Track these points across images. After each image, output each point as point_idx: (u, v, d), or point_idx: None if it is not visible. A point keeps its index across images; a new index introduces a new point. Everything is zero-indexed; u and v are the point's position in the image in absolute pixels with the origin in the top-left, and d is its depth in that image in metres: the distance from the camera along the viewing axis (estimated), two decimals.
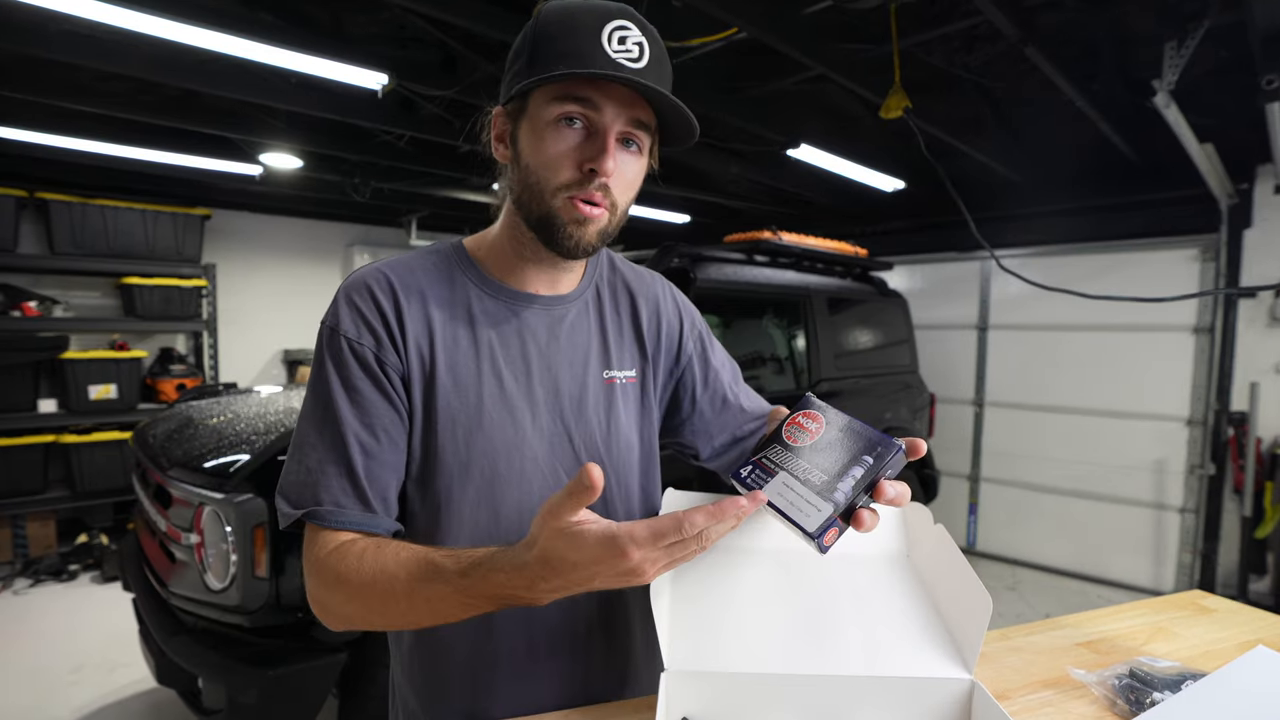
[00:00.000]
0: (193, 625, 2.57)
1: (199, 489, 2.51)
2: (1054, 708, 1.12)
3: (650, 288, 1.29)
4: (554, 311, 1.15)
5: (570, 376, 1.14)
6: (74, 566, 5.40)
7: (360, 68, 3.45)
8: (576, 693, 1.15)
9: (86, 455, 5.64)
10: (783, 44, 3.33)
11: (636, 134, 1.01)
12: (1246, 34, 2.83)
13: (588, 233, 1.02)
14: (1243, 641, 1.36)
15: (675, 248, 3.90)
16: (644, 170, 1.08)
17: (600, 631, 1.18)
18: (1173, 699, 1.05)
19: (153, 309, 6.14)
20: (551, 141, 0.99)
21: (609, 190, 1.00)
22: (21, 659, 4.07)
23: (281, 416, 3.09)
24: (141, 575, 2.99)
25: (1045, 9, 3.48)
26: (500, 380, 1.08)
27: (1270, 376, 5.11)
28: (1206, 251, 5.34)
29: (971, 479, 6.79)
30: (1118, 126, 4.57)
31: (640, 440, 1.22)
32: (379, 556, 0.94)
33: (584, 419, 1.14)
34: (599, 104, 0.97)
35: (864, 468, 0.87)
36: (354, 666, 2.54)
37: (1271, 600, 4.99)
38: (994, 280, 6.51)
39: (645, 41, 0.97)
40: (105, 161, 5.24)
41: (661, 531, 0.75)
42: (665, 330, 1.27)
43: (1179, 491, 5.57)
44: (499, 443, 1.07)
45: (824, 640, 1.03)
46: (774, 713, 0.98)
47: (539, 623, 1.08)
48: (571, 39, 0.95)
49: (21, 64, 3.85)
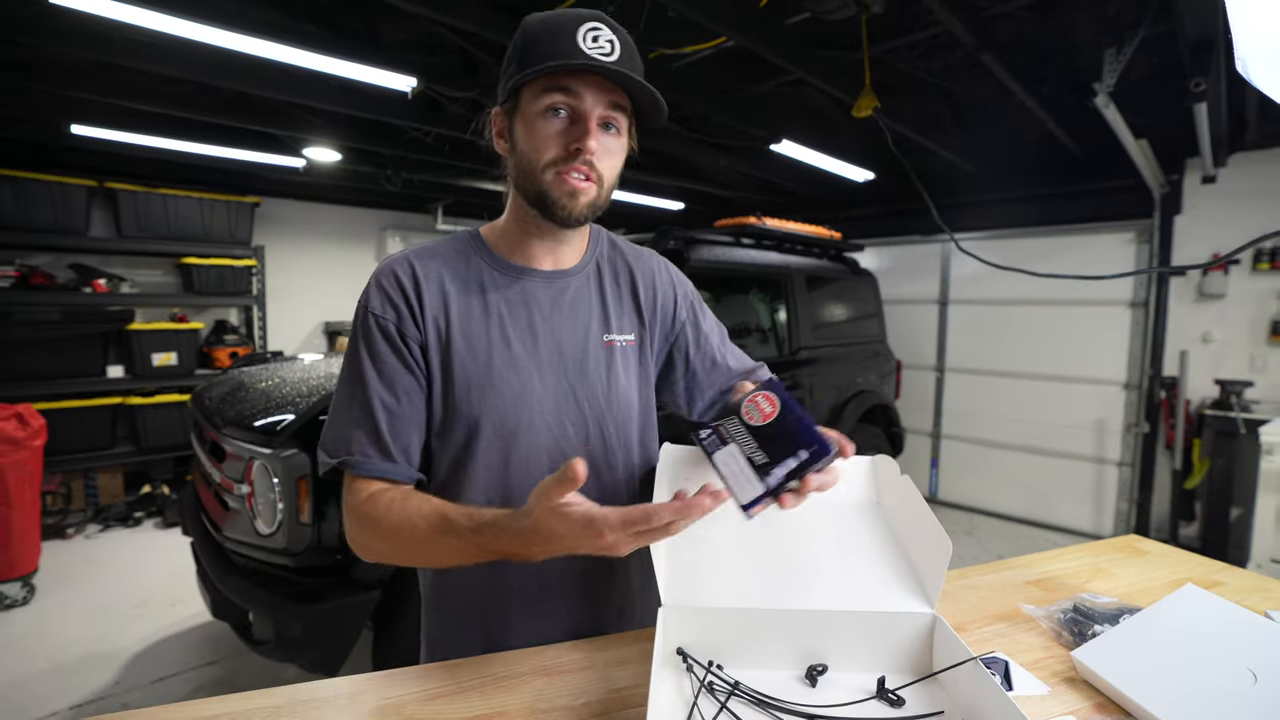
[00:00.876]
0: (244, 566, 2.59)
1: (250, 445, 2.52)
2: (1006, 639, 1.13)
3: (647, 262, 1.31)
4: (557, 284, 1.17)
5: (572, 340, 1.16)
6: (139, 514, 5.46)
7: (392, 72, 3.45)
8: (581, 625, 1.19)
9: (150, 415, 5.65)
10: (766, 51, 3.32)
11: (615, 116, 1.05)
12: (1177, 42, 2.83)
13: (579, 204, 1.05)
14: (1173, 580, 1.37)
15: (671, 231, 3.89)
16: (625, 149, 1.11)
17: (603, 574, 1.22)
18: (1111, 631, 1.07)
19: (209, 285, 6.14)
20: (540, 128, 1.03)
21: (594, 165, 1.04)
22: (92, 596, 4.11)
23: (323, 381, 3.08)
24: (199, 521, 3.02)
25: (999, 20, 3.47)
26: (509, 344, 1.12)
27: (1198, 345, 5.12)
28: (1141, 235, 5.33)
29: (933, 436, 6.78)
30: (1063, 124, 4.56)
31: (639, 397, 1.23)
32: (404, 507, 1.00)
33: (585, 377, 1.16)
34: (580, 92, 1.01)
35: (798, 461, 0.88)
36: (387, 603, 2.54)
37: (1199, 544, 4.97)
38: (953, 260, 6.48)
39: (616, 39, 1.01)
40: (166, 155, 5.24)
41: (630, 519, 0.80)
42: (661, 300, 1.28)
43: (1117, 447, 5.58)
44: (508, 398, 1.10)
45: (803, 579, 1.04)
46: (758, 643, 0.99)
47: (548, 564, 1.06)
48: (552, 40, 0.99)
49: (92, 69, 3.85)
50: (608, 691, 0.96)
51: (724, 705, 0.89)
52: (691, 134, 5.21)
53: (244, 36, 3.01)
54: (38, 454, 4.05)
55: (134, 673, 3.32)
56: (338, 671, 2.43)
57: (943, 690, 0.94)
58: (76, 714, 3.00)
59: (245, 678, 3.28)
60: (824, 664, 0.98)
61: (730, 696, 0.91)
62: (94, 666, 3.35)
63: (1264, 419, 4.33)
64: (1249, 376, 4.87)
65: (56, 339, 5.25)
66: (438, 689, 0.96)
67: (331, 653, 2.45)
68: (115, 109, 4.42)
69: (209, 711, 0.89)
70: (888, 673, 0.97)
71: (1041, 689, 0.98)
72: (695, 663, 0.97)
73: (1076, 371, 5.79)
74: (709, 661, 0.97)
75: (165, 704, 0.91)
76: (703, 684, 0.93)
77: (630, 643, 1.10)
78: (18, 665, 3.35)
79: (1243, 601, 1.14)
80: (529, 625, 1.16)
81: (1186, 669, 0.96)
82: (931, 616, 0.98)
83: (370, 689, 0.96)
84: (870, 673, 0.97)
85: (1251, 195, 4.81)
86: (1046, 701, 0.96)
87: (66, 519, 5.17)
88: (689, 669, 0.96)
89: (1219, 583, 1.36)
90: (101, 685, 3.21)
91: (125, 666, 3.37)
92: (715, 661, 0.97)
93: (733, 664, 0.98)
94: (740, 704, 0.90)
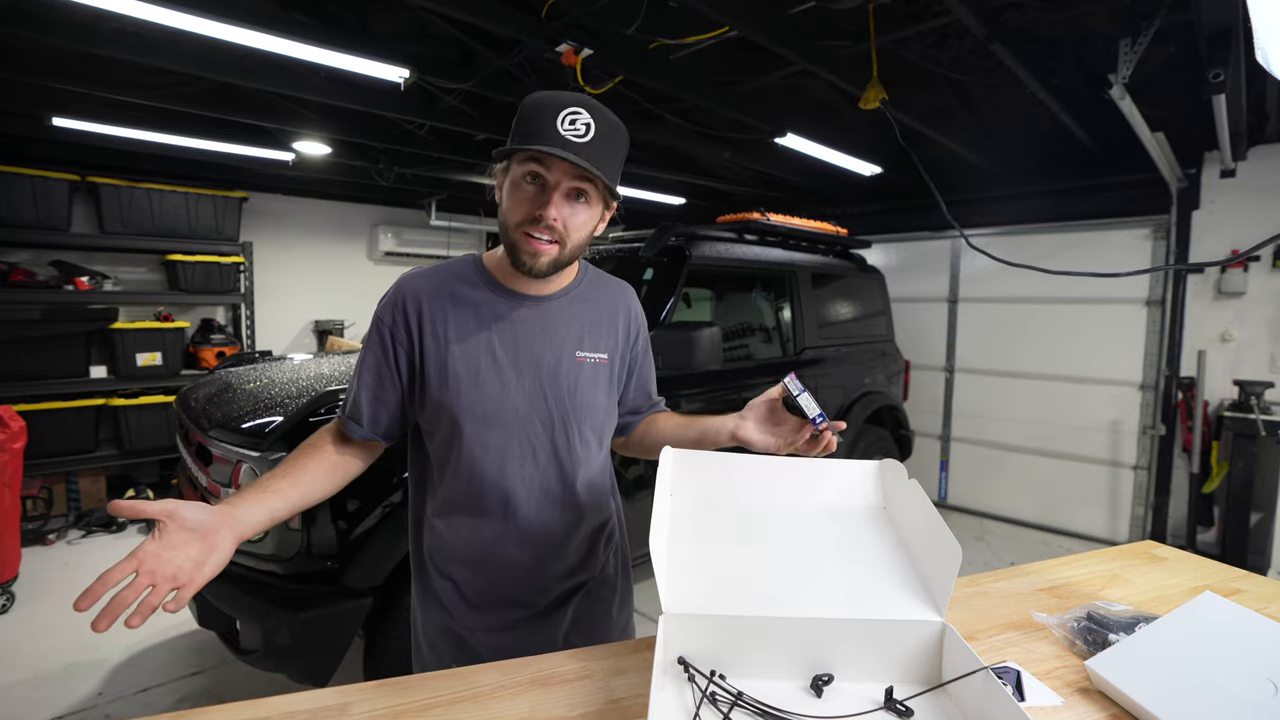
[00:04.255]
0: (231, 572, 2.50)
1: (237, 447, 2.51)
2: (1018, 648, 1.14)
3: (624, 298, 1.56)
4: (542, 305, 1.41)
5: (549, 354, 1.40)
6: (122, 519, 5.43)
7: (384, 63, 3.45)
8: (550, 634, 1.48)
9: (134, 417, 5.65)
10: (770, 41, 3.32)
11: (583, 186, 1.25)
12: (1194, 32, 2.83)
13: (540, 262, 1.27)
14: (1191, 587, 1.37)
15: (672, 227, 3.89)
16: (595, 215, 1.32)
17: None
18: (1127, 639, 1.07)
19: (195, 283, 6.14)
20: (516, 192, 1.26)
21: (554, 229, 1.24)
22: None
23: (312, 381, 3.07)
24: None
25: (1010, 9, 3.47)
26: (494, 354, 1.36)
27: (1216, 345, 5.12)
28: (1158, 231, 5.33)
29: (943, 439, 6.78)
30: (1077, 116, 4.55)
31: (602, 405, 1.48)
32: (306, 443, 1.37)
33: (556, 384, 1.40)
34: (550, 166, 1.22)
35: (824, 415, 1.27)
36: (379, 610, 2.55)
37: (1217, 550, 4.96)
38: (963, 257, 6.47)
39: (592, 121, 1.21)
40: (151, 148, 5.24)
41: None
42: (629, 330, 1.55)
43: (1133, 450, 5.57)
44: (489, 396, 1.35)
45: (808, 586, 1.04)
46: (762, 652, 0.99)
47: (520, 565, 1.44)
48: (536, 121, 1.20)
49: (74, 59, 3.85)
50: (607, 702, 0.96)
51: (726, 716, 0.89)
52: (694, 127, 5.21)
53: (231, 26, 3.01)
54: (17, 457, 4.05)
55: (117, 683, 3.31)
56: (328, 681, 2.43)
57: (952, 701, 0.93)
58: None
59: (232, 688, 3.28)
60: (830, 673, 0.98)
61: (733, 707, 0.91)
62: (75, 677, 3.35)
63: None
64: (1269, 377, 4.87)
65: (37, 338, 5.26)
66: (431, 699, 0.96)
67: (321, 662, 2.44)
68: (98, 100, 4.42)
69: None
70: (896, 683, 0.97)
71: (1055, 700, 0.98)
72: (697, 672, 0.96)
73: (1091, 372, 5.78)
74: (711, 671, 0.97)
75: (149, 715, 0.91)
76: (705, 694, 0.93)
77: (630, 652, 1.11)
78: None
79: (1263, 610, 1.14)
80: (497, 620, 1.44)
81: (1205, 679, 0.96)
82: (941, 625, 0.98)
83: (361, 699, 0.96)
84: (877, 682, 0.97)
85: (1272, 190, 4.81)
86: (1060, 713, 0.96)
87: (47, 524, 5.15)
88: (690, 679, 0.96)
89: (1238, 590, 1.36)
90: (83, 696, 3.20)
91: (108, 677, 3.36)
92: (718, 671, 0.97)
93: (735, 674, 0.98)
94: (743, 715, 0.90)
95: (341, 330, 7.47)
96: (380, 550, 2.50)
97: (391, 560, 2.53)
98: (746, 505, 1.18)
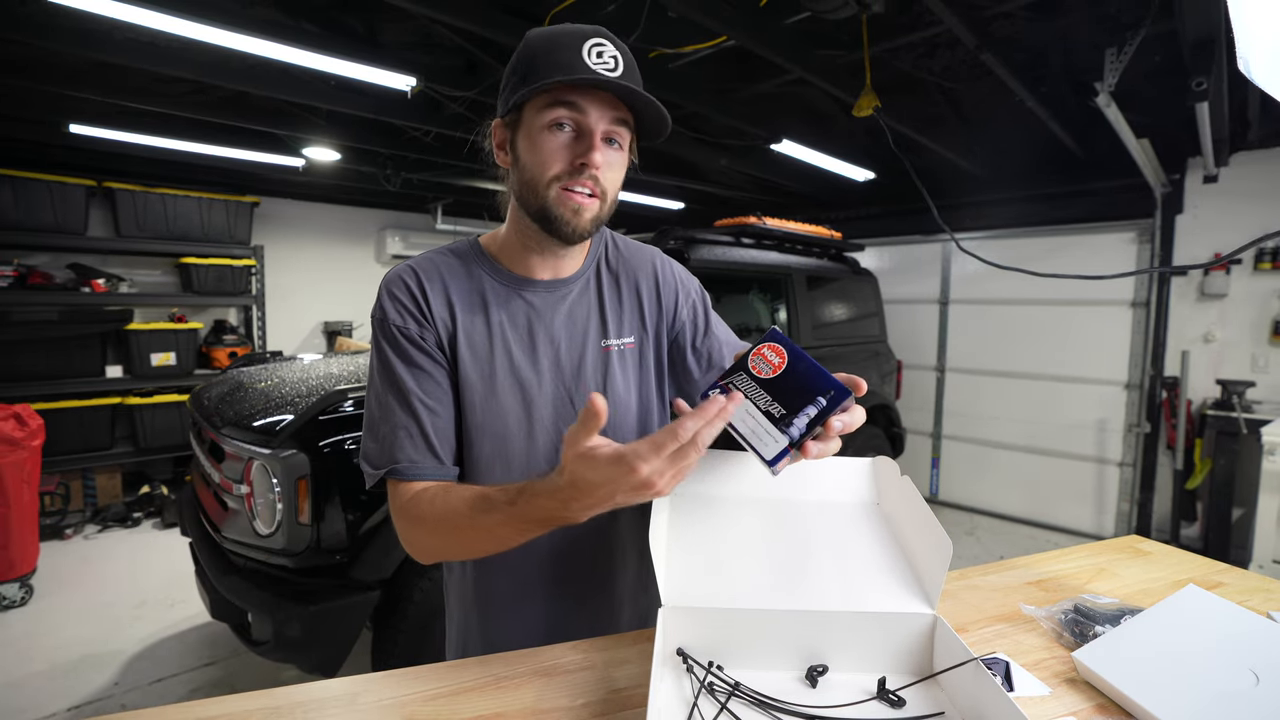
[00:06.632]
0: (243, 566, 2.58)
1: (249, 445, 2.51)
2: (1007, 639, 1.12)
3: (648, 262, 1.30)
4: (557, 293, 1.18)
5: (569, 347, 1.17)
6: (137, 514, 5.44)
7: (392, 72, 3.45)
8: (571, 621, 1.22)
9: (149, 415, 5.66)
10: (766, 50, 3.32)
11: (618, 131, 1.05)
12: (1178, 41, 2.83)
13: (582, 220, 1.06)
14: (1175, 581, 1.36)
15: (671, 231, 3.90)
16: (625, 164, 1.11)
17: (604, 568, 1.24)
18: (1113, 631, 1.06)
19: (207, 285, 6.14)
20: (545, 142, 1.03)
21: (598, 180, 1.04)
22: (90, 596, 4.11)
23: (321, 381, 3.05)
24: (198, 521, 3.01)
25: (999, 19, 3.48)
26: (510, 355, 1.13)
27: (1199, 345, 5.13)
28: (1143, 234, 5.33)
29: (934, 436, 6.79)
30: (1064, 124, 4.56)
31: (637, 399, 1.23)
32: (446, 498, 1.01)
33: (582, 383, 1.17)
34: (584, 107, 1.01)
35: (818, 409, 0.88)
36: (386, 603, 2.54)
37: (1200, 544, 4.99)
38: (954, 260, 6.48)
39: (619, 55, 1.01)
40: (165, 154, 5.25)
41: (660, 443, 0.77)
42: (662, 298, 1.28)
43: (1118, 448, 5.59)
44: (509, 406, 1.12)
45: (803, 579, 1.03)
46: (759, 644, 0.99)
47: (551, 562, 1.17)
48: (557, 55, 0.99)
49: (91, 68, 3.86)
50: (608, 692, 0.96)
51: (724, 706, 0.89)
52: (692, 133, 5.21)
53: (243, 36, 3.01)
54: (36, 454, 4.05)
55: (132, 674, 3.32)
56: (337, 672, 2.44)
57: (943, 691, 0.93)
58: (75, 715, 3.00)
59: (244, 679, 3.28)
60: (824, 664, 0.98)
61: (730, 697, 0.91)
62: (92, 668, 3.35)
63: (1266, 419, 4.33)
64: (1251, 376, 4.88)
65: (55, 339, 5.26)
66: (437, 689, 0.96)
67: (330, 653, 2.44)
68: (114, 108, 4.42)
69: (207, 713, 0.89)
70: (888, 673, 0.96)
71: (1043, 690, 0.98)
72: (695, 663, 0.96)
73: (1078, 371, 5.79)
74: (709, 662, 0.97)
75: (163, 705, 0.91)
76: (703, 685, 0.93)
77: (630, 643, 1.10)
78: (15, 666, 3.35)
79: (1244, 602, 1.14)
80: (526, 615, 1.20)
81: (1188, 670, 0.96)
82: (932, 617, 0.97)
83: (369, 690, 0.96)
84: (871, 673, 0.96)
85: (1253, 195, 4.81)
86: (1047, 702, 0.96)
87: (65, 519, 5.16)
88: (689, 669, 0.96)
89: (1221, 583, 1.36)
90: (100, 686, 3.21)
91: (123, 667, 3.37)
92: (715, 662, 0.97)
93: (733, 664, 0.98)
94: (740, 705, 0.90)
95: (350, 331, 7.47)
96: (388, 544, 2.50)
97: (399, 554, 2.52)
98: (743, 501, 1.16)
